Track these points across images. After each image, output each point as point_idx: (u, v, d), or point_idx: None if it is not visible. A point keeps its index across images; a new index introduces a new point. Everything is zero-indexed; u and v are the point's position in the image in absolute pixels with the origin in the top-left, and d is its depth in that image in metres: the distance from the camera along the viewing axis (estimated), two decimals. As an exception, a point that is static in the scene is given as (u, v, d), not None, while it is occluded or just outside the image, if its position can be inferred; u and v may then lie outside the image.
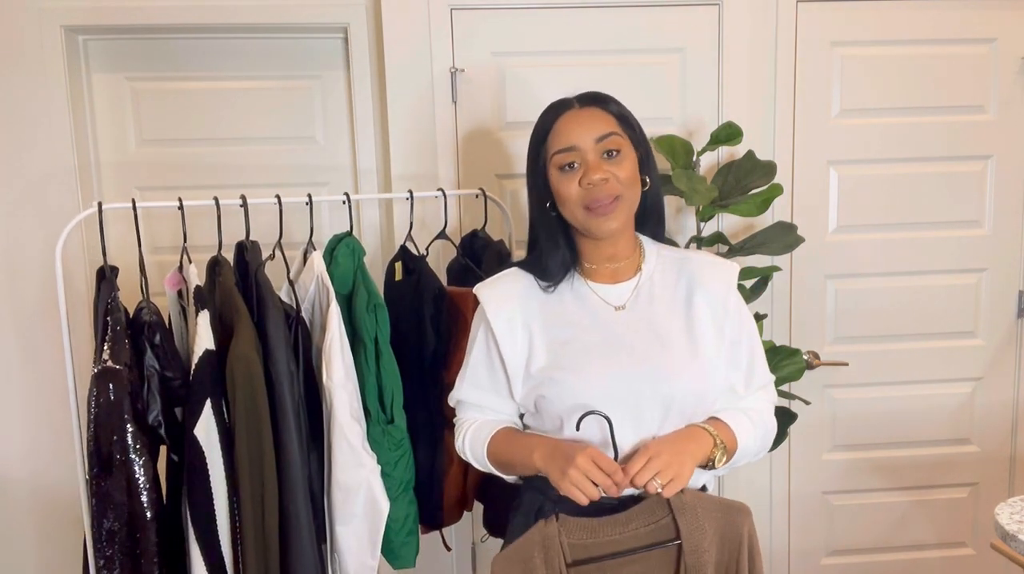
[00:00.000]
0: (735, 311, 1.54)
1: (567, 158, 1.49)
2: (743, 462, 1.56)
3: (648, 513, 1.45)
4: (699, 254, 1.62)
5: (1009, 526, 1.70)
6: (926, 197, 2.57)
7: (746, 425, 1.53)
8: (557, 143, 1.50)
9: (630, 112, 1.56)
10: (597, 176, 1.47)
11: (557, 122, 1.52)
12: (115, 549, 1.62)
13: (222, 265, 1.86)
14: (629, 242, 1.58)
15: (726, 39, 2.45)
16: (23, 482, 2.52)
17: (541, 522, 1.45)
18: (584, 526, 1.44)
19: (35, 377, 2.47)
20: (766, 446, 1.60)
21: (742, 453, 1.52)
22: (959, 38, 2.51)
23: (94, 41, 2.49)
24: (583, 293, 1.56)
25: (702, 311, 1.52)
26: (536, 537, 1.44)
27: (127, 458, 1.61)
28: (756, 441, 1.55)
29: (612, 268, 1.57)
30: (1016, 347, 2.67)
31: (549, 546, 1.43)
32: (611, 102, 1.55)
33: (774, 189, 2.27)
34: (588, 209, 1.48)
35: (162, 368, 1.70)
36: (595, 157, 1.49)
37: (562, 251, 1.56)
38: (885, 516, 2.73)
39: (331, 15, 2.43)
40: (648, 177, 1.56)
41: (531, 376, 1.52)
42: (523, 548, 1.45)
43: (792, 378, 2.29)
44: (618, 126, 1.52)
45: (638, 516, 1.45)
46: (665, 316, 1.52)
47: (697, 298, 1.53)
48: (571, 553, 1.44)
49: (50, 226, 2.39)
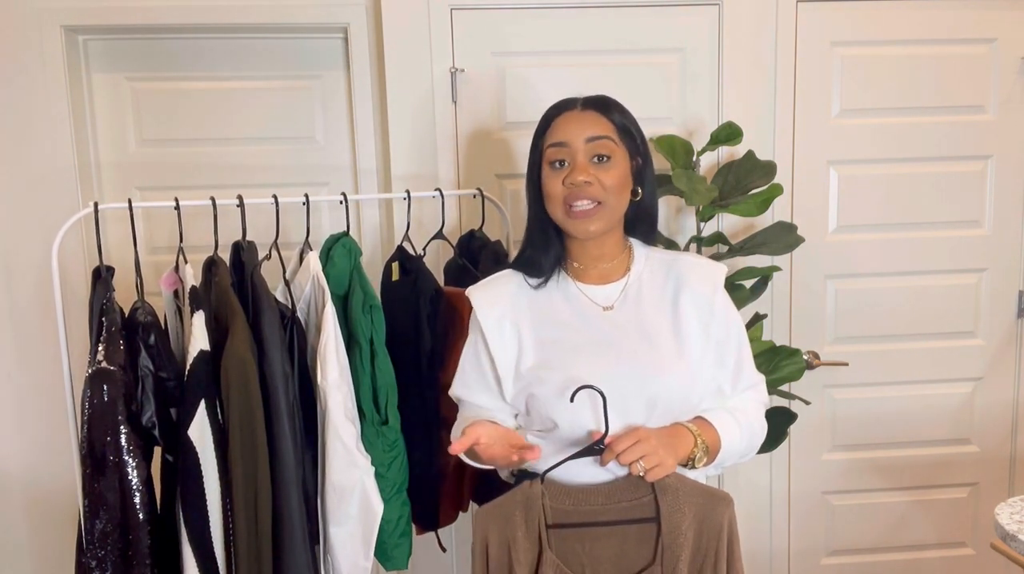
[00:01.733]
0: (721, 311, 1.55)
1: (557, 154, 1.52)
2: (730, 463, 1.56)
3: (631, 489, 1.47)
4: (687, 255, 1.64)
5: (1009, 526, 1.70)
6: (926, 197, 2.57)
7: (731, 426, 1.53)
8: (551, 137, 1.54)
9: (635, 123, 1.58)
10: (580, 178, 1.49)
11: (557, 118, 1.56)
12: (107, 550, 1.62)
13: (218, 265, 1.86)
14: (616, 244, 1.59)
15: (726, 39, 2.44)
16: (18, 482, 2.52)
17: (526, 483, 1.48)
18: (567, 492, 1.48)
19: (31, 377, 2.48)
20: (753, 447, 1.59)
21: (726, 454, 1.52)
22: (959, 38, 2.50)
23: (94, 41, 2.50)
24: (572, 293, 1.58)
25: (688, 311, 1.54)
26: (519, 496, 1.48)
27: (120, 459, 1.62)
28: (741, 442, 1.54)
29: (601, 269, 1.59)
30: (1016, 347, 2.66)
31: (531, 506, 1.47)
32: (615, 110, 1.56)
33: (774, 189, 2.27)
34: (568, 208, 1.51)
35: (157, 369, 1.70)
36: (584, 158, 1.50)
37: (553, 248, 1.59)
38: (885, 516, 2.72)
39: (331, 15, 2.43)
40: (641, 188, 1.58)
41: (521, 376, 1.54)
42: (506, 505, 1.49)
43: (792, 378, 2.28)
44: (615, 132, 1.53)
45: (621, 490, 1.47)
46: (652, 316, 1.54)
47: (683, 298, 1.54)
48: (552, 516, 1.47)
49: (49, 226, 2.38)
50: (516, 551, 1.46)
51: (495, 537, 1.49)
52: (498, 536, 1.49)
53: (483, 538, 1.50)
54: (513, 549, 1.47)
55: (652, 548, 1.47)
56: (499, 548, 1.49)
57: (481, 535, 1.50)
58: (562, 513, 1.47)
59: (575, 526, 1.48)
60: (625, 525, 1.47)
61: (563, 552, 1.47)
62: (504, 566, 1.48)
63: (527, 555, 1.47)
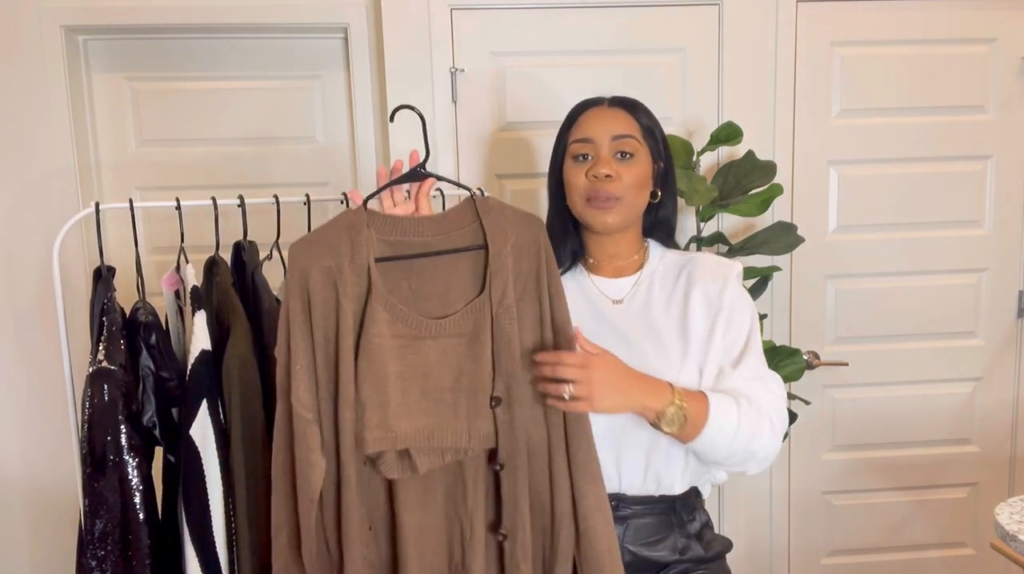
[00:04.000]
0: (728, 304, 1.53)
1: (581, 148, 1.56)
2: (722, 451, 1.45)
3: (458, 217, 1.43)
4: (701, 255, 1.64)
5: (1009, 526, 1.70)
6: (926, 197, 2.57)
7: (728, 406, 1.43)
8: (577, 133, 1.58)
9: (659, 127, 1.61)
10: (603, 171, 1.52)
11: (583, 114, 1.60)
12: (108, 550, 1.61)
13: (219, 265, 1.85)
14: (632, 243, 1.62)
15: (726, 39, 2.44)
16: (19, 482, 2.52)
17: (347, 210, 1.43)
18: (391, 223, 1.42)
19: (32, 377, 2.48)
20: (757, 437, 1.45)
21: (716, 431, 1.42)
22: (959, 38, 2.51)
23: (94, 41, 2.50)
24: (585, 285, 1.61)
25: (697, 307, 1.54)
26: (342, 223, 1.40)
27: (121, 459, 1.61)
28: (736, 425, 1.42)
29: (615, 265, 1.61)
30: (1016, 347, 2.67)
31: (356, 235, 1.39)
32: (641, 112, 1.60)
33: (774, 189, 2.27)
34: (588, 201, 1.54)
35: (158, 369, 1.69)
36: (607, 154, 1.54)
37: (570, 240, 1.63)
38: (885, 516, 2.73)
39: (331, 15, 2.43)
40: (661, 191, 1.60)
41: None
42: (328, 234, 1.40)
43: (792, 378, 2.29)
44: (639, 132, 1.56)
45: (446, 218, 1.43)
46: (660, 312, 1.55)
47: (694, 294, 1.55)
48: (378, 248, 1.41)
49: (50, 226, 2.39)
50: (343, 284, 1.38)
51: (317, 269, 1.39)
52: (321, 269, 1.39)
53: (302, 270, 1.40)
54: (340, 282, 1.38)
55: (480, 278, 1.42)
56: (322, 282, 1.39)
57: (300, 266, 1.40)
58: (387, 245, 1.41)
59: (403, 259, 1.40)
60: (452, 255, 1.41)
61: (388, 288, 1.41)
62: (329, 301, 1.39)
63: (355, 289, 1.38)
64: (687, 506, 1.61)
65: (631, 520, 1.57)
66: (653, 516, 1.58)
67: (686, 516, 1.60)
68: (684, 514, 1.60)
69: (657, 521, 1.58)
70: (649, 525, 1.58)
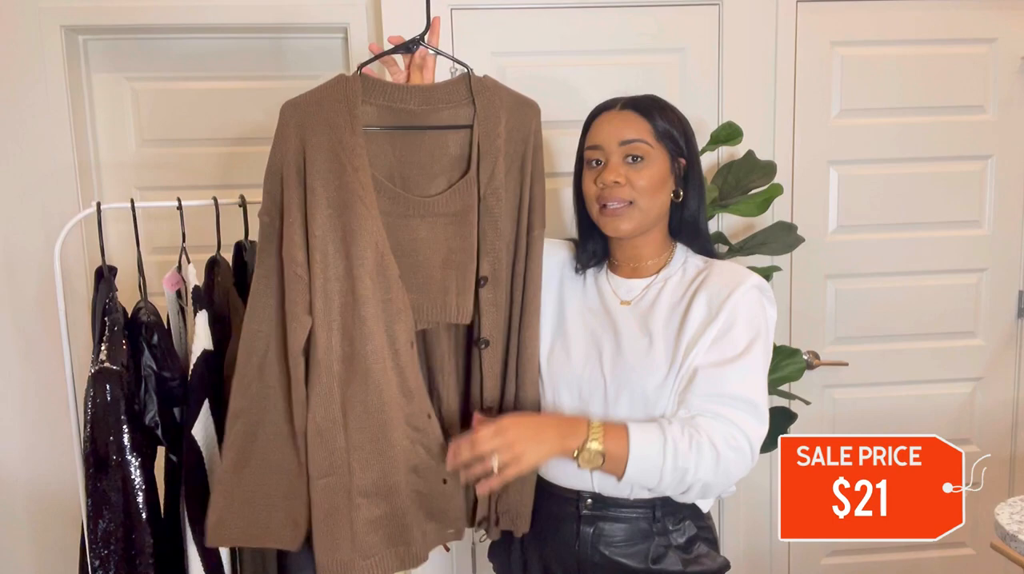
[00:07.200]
0: (729, 313, 1.47)
1: (593, 155, 1.57)
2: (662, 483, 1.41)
3: (449, 90, 1.46)
4: (725, 262, 1.59)
5: (1009, 526, 1.71)
6: (926, 197, 2.57)
7: (652, 440, 1.39)
8: (589, 139, 1.59)
9: (679, 125, 1.58)
10: (610, 178, 1.52)
11: (595, 120, 1.60)
12: (111, 549, 1.62)
13: (220, 265, 1.86)
14: (654, 246, 1.60)
15: (726, 39, 2.44)
16: (21, 482, 2.52)
17: (341, 76, 1.45)
18: (380, 88, 1.45)
19: (34, 377, 2.47)
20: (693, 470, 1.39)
21: (640, 464, 1.39)
22: (959, 38, 2.51)
23: (94, 41, 2.49)
24: (601, 284, 1.63)
25: (698, 312, 1.50)
26: (338, 92, 1.42)
27: (123, 459, 1.62)
28: (661, 459, 1.38)
29: (634, 266, 1.61)
30: (1016, 347, 2.67)
31: (353, 108, 1.41)
32: (655, 111, 1.56)
33: (774, 189, 2.27)
34: (601, 208, 1.55)
35: (160, 369, 1.70)
36: (617, 159, 1.53)
37: (592, 243, 1.64)
38: (885, 516, 2.72)
39: (331, 15, 2.43)
40: (684, 191, 1.58)
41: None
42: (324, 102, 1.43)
43: (792, 378, 2.29)
44: (651, 135, 1.54)
45: (436, 89, 1.46)
46: (662, 316, 1.53)
47: (699, 298, 1.51)
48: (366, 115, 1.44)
49: (50, 226, 2.39)
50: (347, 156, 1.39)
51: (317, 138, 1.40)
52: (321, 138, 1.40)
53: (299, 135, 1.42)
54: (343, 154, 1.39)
55: (466, 155, 1.44)
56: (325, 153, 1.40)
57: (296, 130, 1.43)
58: (375, 109, 1.43)
59: (394, 128, 1.42)
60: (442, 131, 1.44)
61: (371, 154, 1.42)
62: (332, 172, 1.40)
63: (362, 159, 1.40)
64: (672, 513, 1.53)
65: (602, 522, 1.53)
66: (628, 521, 1.52)
67: (670, 524, 1.53)
68: (668, 522, 1.53)
69: (632, 526, 1.52)
70: (622, 529, 1.52)
